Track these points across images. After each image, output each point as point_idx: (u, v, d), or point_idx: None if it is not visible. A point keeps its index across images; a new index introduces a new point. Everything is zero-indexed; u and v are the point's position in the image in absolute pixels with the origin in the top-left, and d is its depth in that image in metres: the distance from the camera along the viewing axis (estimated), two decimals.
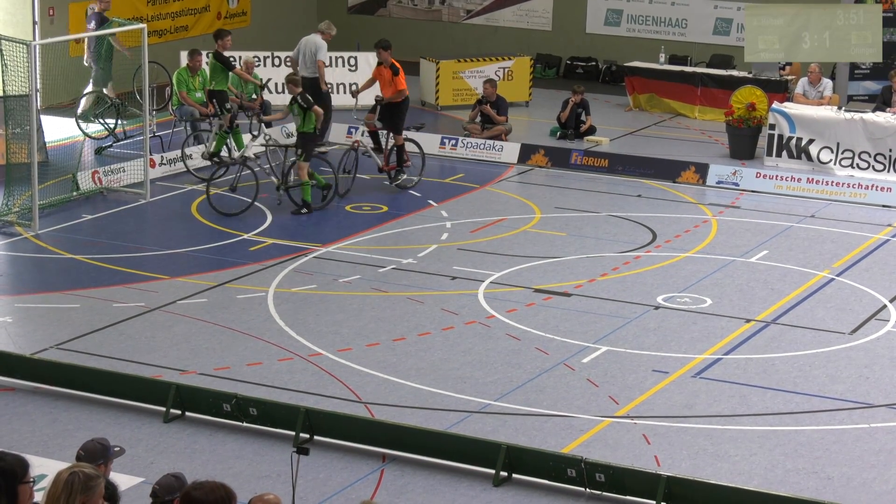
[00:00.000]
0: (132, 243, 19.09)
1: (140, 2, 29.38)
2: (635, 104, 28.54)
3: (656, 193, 22.45)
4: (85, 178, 21.25)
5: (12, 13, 26.98)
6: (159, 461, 12.39)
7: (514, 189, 22.38)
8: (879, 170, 23.24)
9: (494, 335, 15.84)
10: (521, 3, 32.92)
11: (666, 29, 31.50)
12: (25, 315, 16.24)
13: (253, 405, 13.12)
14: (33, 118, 19.94)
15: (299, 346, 15.31)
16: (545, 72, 31.99)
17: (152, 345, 15.27)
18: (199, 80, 23.99)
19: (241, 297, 16.92)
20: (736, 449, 13.03)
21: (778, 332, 16.25)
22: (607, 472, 11.89)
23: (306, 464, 11.54)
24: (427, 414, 13.61)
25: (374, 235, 19.74)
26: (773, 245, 19.70)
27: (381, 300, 17.01)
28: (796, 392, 14.34)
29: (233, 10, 32.01)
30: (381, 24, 33.00)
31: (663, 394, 14.27)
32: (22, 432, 12.99)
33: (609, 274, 18.17)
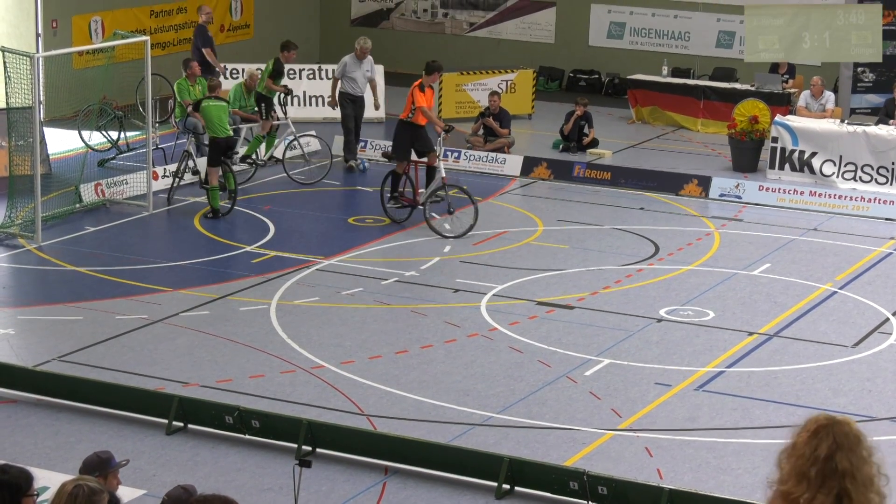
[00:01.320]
0: (135, 255, 19.10)
1: (143, 14, 29.43)
2: (638, 117, 28.54)
3: (659, 206, 22.45)
4: (88, 191, 21.27)
5: (16, 25, 27.02)
6: (162, 474, 12.38)
7: (517, 202, 22.38)
8: (882, 183, 23.23)
9: (497, 348, 15.83)
10: (524, 15, 32.95)
11: (669, 42, 31.52)
12: (28, 327, 16.24)
13: (255, 417, 13.12)
14: (36, 130, 19.97)
15: (302, 359, 15.31)
16: (548, 84, 32.02)
17: (155, 357, 15.27)
18: (198, 88, 24.06)
19: (244, 309, 16.92)
20: (739, 462, 13.02)
21: (780, 345, 16.24)
22: (610, 485, 11.87)
23: (308, 476, 11.53)
24: (429, 426, 13.60)
25: (376, 248, 19.74)
26: (776, 258, 19.70)
27: (384, 313, 17.01)
28: (799, 405, 14.33)
29: (236, 22, 32.06)
30: (385, 36, 33.02)
31: (666, 407, 14.26)
32: (24, 444, 12.98)
33: (611, 287, 18.17)
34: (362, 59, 24.07)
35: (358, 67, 24.05)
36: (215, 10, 31.25)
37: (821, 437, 5.52)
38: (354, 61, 24.03)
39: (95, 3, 28.40)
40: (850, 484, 5.47)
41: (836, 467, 5.48)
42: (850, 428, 5.56)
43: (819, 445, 5.51)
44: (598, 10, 32.20)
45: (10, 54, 20.03)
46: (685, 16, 31.33)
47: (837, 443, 5.51)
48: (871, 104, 26.90)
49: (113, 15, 28.63)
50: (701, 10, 31.08)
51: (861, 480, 5.50)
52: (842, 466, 5.48)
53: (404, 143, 21.01)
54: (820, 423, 5.57)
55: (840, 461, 5.48)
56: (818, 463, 5.49)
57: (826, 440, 5.51)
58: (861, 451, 5.55)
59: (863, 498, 5.48)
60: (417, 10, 33.92)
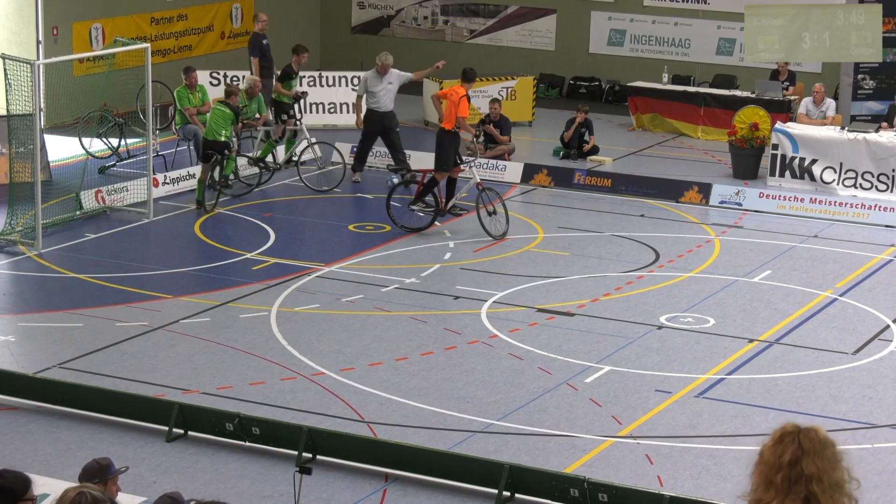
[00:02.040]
0: (135, 262, 19.10)
1: (144, 21, 29.45)
2: (638, 124, 28.54)
3: (659, 213, 22.45)
4: (88, 198, 21.27)
5: (16, 32, 27.04)
6: (162, 480, 12.38)
7: (517, 208, 22.37)
8: (882, 190, 23.24)
9: (497, 355, 15.83)
10: (525, 22, 32.97)
11: (669, 49, 31.54)
12: (28, 334, 16.24)
13: (256, 424, 13.11)
14: (37, 137, 19.97)
15: (302, 366, 15.31)
16: (548, 92, 32.03)
17: (155, 364, 15.27)
18: (198, 96, 24.09)
19: (244, 316, 16.92)
20: (739, 469, 12.99)
21: (781, 352, 16.23)
22: (610, 492, 11.87)
23: (309, 483, 11.54)
24: (430, 433, 13.60)
25: (377, 255, 19.74)
26: (776, 265, 19.70)
27: (384, 319, 17.01)
28: (799, 412, 14.31)
29: (236, 29, 32.08)
30: (385, 43, 32.99)
31: (666, 414, 14.26)
32: (24, 451, 12.98)
33: (612, 294, 18.16)
34: (383, 75, 23.68)
35: (380, 83, 23.65)
36: (216, 18, 31.32)
37: (786, 444, 5.56)
38: (376, 77, 23.67)
39: (96, 10, 28.43)
40: (817, 487, 5.48)
41: (802, 472, 5.50)
42: (817, 434, 5.58)
43: (784, 452, 5.54)
44: (598, 17, 32.22)
45: (10, 61, 20.05)
46: (685, 23, 31.35)
47: (803, 448, 5.53)
48: (872, 111, 26.91)
49: (114, 22, 28.65)
50: (701, 17, 31.10)
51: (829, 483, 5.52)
52: (808, 471, 5.50)
53: (451, 153, 21.21)
54: (786, 430, 5.60)
55: (806, 466, 5.50)
56: (783, 469, 5.52)
57: (791, 446, 5.54)
58: (827, 455, 5.56)
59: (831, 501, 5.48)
60: (418, 17, 33.92)
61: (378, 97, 23.68)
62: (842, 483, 5.53)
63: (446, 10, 33.65)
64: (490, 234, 20.55)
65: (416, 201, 21.08)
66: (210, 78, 27.45)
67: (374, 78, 23.72)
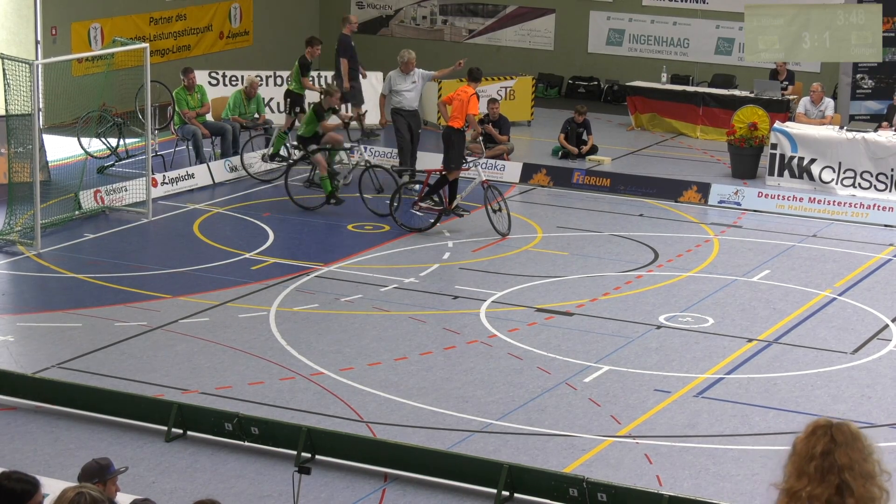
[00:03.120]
0: (134, 262, 19.10)
1: (142, 21, 29.44)
2: (637, 124, 28.54)
3: (658, 213, 22.45)
4: (87, 198, 21.27)
5: (15, 32, 27.03)
6: (161, 480, 12.38)
7: (516, 208, 22.36)
8: (881, 189, 23.24)
9: (496, 354, 15.83)
10: (524, 22, 32.96)
11: (668, 49, 31.53)
12: (27, 334, 16.24)
13: (255, 424, 13.11)
14: (36, 137, 19.97)
15: (301, 366, 15.31)
16: (547, 91, 32.03)
17: (154, 364, 15.27)
18: (197, 96, 24.10)
19: (243, 316, 16.92)
20: (738, 469, 13.01)
21: (780, 351, 16.24)
22: (609, 491, 11.87)
23: (308, 483, 11.54)
24: (429, 433, 13.60)
25: (376, 255, 19.74)
26: (775, 264, 19.70)
27: (383, 319, 17.01)
28: (798, 412, 14.32)
29: (235, 29, 32.07)
30: (384, 43, 33.04)
31: (665, 413, 14.26)
32: (24, 451, 12.98)
33: (611, 293, 18.17)
34: (407, 73, 23.31)
35: (404, 81, 23.28)
36: (214, 18, 31.30)
37: (818, 436, 5.70)
38: (400, 75, 23.31)
39: (95, 10, 28.42)
40: (849, 476, 5.60)
41: (835, 462, 5.64)
42: (849, 427, 5.74)
43: (817, 444, 5.68)
44: (597, 16, 32.21)
45: (9, 61, 20.04)
46: (684, 23, 31.34)
47: (835, 440, 5.67)
48: (871, 111, 26.90)
49: (112, 22, 28.64)
50: (700, 17, 31.10)
51: (860, 473, 5.64)
52: (840, 461, 5.63)
53: (461, 151, 21.23)
54: (818, 424, 5.74)
55: (839, 457, 5.63)
56: (816, 459, 5.65)
57: (823, 438, 5.68)
58: (859, 447, 5.69)
59: (863, 490, 5.60)
60: (417, 17, 33.91)
61: (402, 95, 23.28)
62: (874, 474, 5.68)
63: (445, 9, 33.64)
64: (498, 231, 20.60)
65: (423, 201, 21.08)
66: (209, 78, 27.44)
67: (398, 77, 23.32)
